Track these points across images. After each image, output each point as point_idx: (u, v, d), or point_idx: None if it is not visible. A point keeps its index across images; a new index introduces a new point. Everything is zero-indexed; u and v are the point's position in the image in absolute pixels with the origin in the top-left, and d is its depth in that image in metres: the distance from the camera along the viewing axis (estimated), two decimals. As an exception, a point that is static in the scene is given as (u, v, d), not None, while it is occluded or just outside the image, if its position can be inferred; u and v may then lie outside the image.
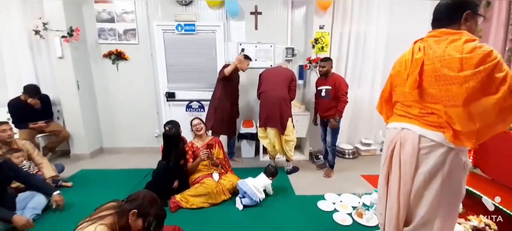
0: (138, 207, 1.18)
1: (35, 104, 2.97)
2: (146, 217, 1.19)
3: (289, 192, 2.47)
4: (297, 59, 3.45)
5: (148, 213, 1.20)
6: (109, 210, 1.20)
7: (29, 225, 1.69)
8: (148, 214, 1.20)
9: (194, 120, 2.54)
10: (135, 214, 1.17)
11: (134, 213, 1.17)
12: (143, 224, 1.19)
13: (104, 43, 3.31)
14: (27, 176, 2.07)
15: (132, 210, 1.17)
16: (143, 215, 1.19)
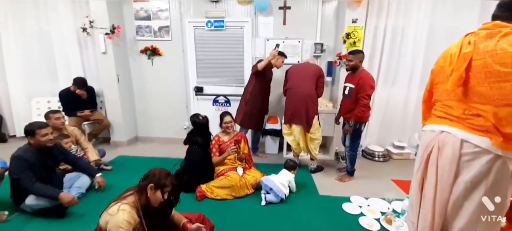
0: (154, 181, 1.26)
1: (82, 95, 3.32)
2: (163, 189, 1.26)
3: (313, 191, 2.42)
4: (326, 55, 3.32)
5: (165, 184, 1.27)
6: (130, 191, 1.31)
7: (74, 202, 1.91)
8: (164, 185, 1.26)
9: (226, 117, 2.52)
10: (152, 188, 1.25)
11: (151, 186, 1.25)
12: (162, 196, 1.26)
13: (141, 39, 3.55)
14: (74, 158, 2.33)
15: (150, 184, 1.25)
16: (160, 187, 1.26)
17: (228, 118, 2.51)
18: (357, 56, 2.36)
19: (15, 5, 3.47)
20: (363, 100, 2.27)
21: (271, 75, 3.10)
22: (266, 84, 3.07)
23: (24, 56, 3.64)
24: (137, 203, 1.27)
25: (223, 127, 2.52)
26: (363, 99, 2.27)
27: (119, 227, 1.16)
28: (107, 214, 1.22)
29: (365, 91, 2.26)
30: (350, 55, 2.40)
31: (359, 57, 2.36)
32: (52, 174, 2.09)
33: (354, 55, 2.36)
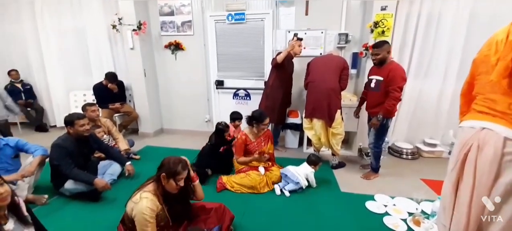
0: (165, 171, 1.33)
1: (113, 89, 3.55)
2: (175, 176, 1.32)
3: (334, 187, 2.36)
4: (351, 46, 3.16)
5: (176, 172, 1.32)
6: (150, 180, 1.40)
7: (107, 187, 2.06)
8: (176, 173, 1.32)
9: (266, 119, 2.33)
10: (164, 177, 1.33)
11: (163, 176, 1.33)
12: (175, 183, 1.33)
13: (165, 35, 3.67)
14: (107, 147, 2.52)
15: (161, 174, 1.32)
16: (172, 175, 1.32)
17: (268, 120, 2.34)
18: (382, 48, 2.15)
19: (53, 4, 3.77)
20: (394, 93, 2.10)
21: (292, 67, 3.04)
22: (287, 77, 3.01)
23: (62, 52, 3.98)
24: (156, 191, 1.34)
25: (260, 128, 2.34)
26: (394, 92, 2.10)
27: (143, 213, 1.24)
28: (131, 202, 1.31)
29: (397, 84, 2.09)
30: (375, 49, 2.20)
31: (385, 48, 2.15)
32: (88, 161, 2.28)
33: (379, 48, 2.16)
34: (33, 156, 2.09)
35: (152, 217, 1.27)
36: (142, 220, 1.24)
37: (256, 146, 2.43)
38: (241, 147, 2.39)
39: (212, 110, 3.80)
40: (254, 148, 2.42)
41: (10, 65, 4.10)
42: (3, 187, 1.03)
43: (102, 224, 1.79)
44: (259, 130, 2.36)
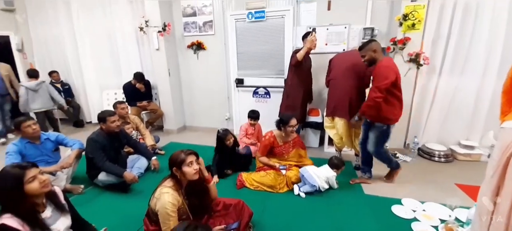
0: (173, 164, 1.41)
1: (140, 88, 3.76)
2: (183, 163, 1.38)
3: (357, 189, 2.27)
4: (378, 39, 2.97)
5: (182, 160, 1.38)
6: (167, 178, 1.47)
7: (135, 180, 2.20)
8: (182, 161, 1.38)
9: (292, 120, 2.28)
10: (176, 170, 1.40)
11: (175, 169, 1.40)
12: (188, 168, 1.38)
13: (188, 35, 3.79)
14: (135, 143, 2.68)
15: (173, 168, 1.41)
16: (180, 164, 1.38)
17: (294, 121, 2.28)
18: (366, 49, 1.99)
19: (87, 9, 4.08)
20: (371, 93, 1.91)
21: (309, 62, 2.97)
22: (306, 72, 2.94)
23: (95, 54, 4.30)
24: (176, 186, 1.41)
25: (287, 130, 2.30)
26: (372, 91, 1.90)
27: (165, 208, 1.31)
28: (154, 198, 1.39)
29: (377, 82, 1.88)
30: (360, 52, 2.05)
31: (369, 48, 1.97)
32: (118, 155, 2.45)
33: (363, 50, 2.01)
34: (71, 149, 2.30)
35: (174, 211, 1.33)
36: (165, 214, 1.31)
37: (283, 150, 2.40)
38: (266, 147, 2.39)
39: (232, 108, 3.86)
40: (280, 151, 2.40)
41: (50, 67, 4.52)
42: (45, 176, 1.15)
43: (131, 213, 1.91)
44: (286, 133, 2.33)
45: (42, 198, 1.18)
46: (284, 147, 2.40)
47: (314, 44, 2.67)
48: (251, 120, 2.99)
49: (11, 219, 1.03)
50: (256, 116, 2.99)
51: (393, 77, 1.87)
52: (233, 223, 1.50)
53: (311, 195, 2.15)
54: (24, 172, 1.07)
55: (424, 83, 2.88)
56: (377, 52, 1.96)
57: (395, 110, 1.99)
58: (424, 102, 2.95)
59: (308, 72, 2.99)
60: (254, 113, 2.99)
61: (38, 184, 1.10)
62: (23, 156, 2.09)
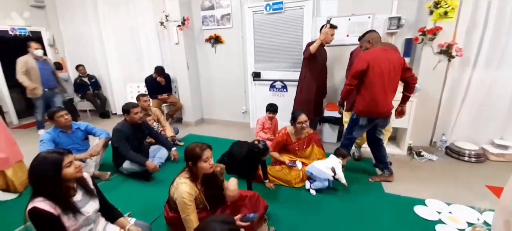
0: (189, 159, 1.42)
1: (161, 81, 3.89)
2: (199, 159, 1.40)
3: (377, 187, 2.19)
4: (404, 31, 2.81)
5: (198, 156, 1.40)
6: (185, 168, 1.51)
7: (156, 169, 2.31)
8: (198, 157, 1.40)
9: (301, 116, 2.23)
10: (191, 164, 1.42)
11: (190, 164, 1.43)
12: (204, 163, 1.41)
13: (206, 29, 3.83)
14: (157, 134, 2.79)
15: (189, 162, 1.43)
16: (196, 159, 1.40)
17: (303, 117, 2.22)
18: (363, 40, 2.08)
19: (112, 6, 4.26)
20: (347, 80, 2.02)
21: (324, 56, 2.85)
22: (320, 67, 2.83)
23: (119, 48, 4.50)
24: (192, 177, 1.45)
25: (297, 127, 2.26)
26: (348, 79, 2.01)
27: (182, 197, 1.36)
28: (173, 187, 1.45)
29: (353, 68, 1.97)
30: (359, 42, 2.17)
31: (365, 39, 2.05)
32: (141, 145, 2.57)
33: (361, 41, 2.13)
34: (98, 138, 2.46)
35: (191, 200, 1.38)
36: (182, 203, 1.36)
37: (297, 147, 2.37)
38: (278, 143, 2.38)
39: (249, 102, 3.87)
40: (294, 148, 2.37)
41: (79, 61, 4.81)
42: (78, 162, 1.24)
43: (153, 200, 2.01)
44: (296, 129, 2.30)
45: (74, 182, 1.27)
46: (297, 144, 2.36)
47: (328, 37, 2.57)
48: (270, 113, 2.94)
49: (43, 203, 1.10)
50: (275, 109, 2.94)
51: (362, 66, 1.89)
52: (251, 213, 1.51)
53: (327, 191, 2.11)
54: (63, 157, 1.15)
55: (455, 77, 2.68)
56: (371, 43, 2.01)
57: (364, 103, 1.99)
58: (455, 98, 2.75)
59: (323, 66, 2.87)
60: (272, 106, 2.94)
61: (74, 169, 1.18)
62: (56, 144, 2.27)
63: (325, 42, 2.62)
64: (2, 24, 4.25)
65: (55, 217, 1.13)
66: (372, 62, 1.88)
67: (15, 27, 4.39)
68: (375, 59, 1.89)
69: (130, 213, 1.71)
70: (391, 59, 1.89)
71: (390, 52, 1.93)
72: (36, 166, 1.14)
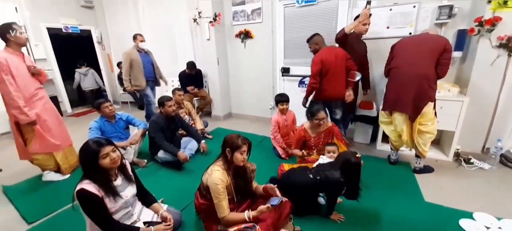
0: (228, 146, 1.46)
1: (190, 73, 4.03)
2: (237, 149, 1.43)
3: (415, 195, 2.00)
4: (456, 22, 2.48)
5: (237, 145, 1.43)
6: (219, 157, 1.55)
7: (187, 159, 2.43)
8: (237, 146, 1.43)
9: (319, 113, 2.14)
10: (229, 151, 1.45)
11: (228, 151, 1.46)
12: (240, 154, 1.43)
13: (236, 24, 3.86)
14: (188, 126, 2.92)
15: (226, 149, 1.46)
16: (235, 148, 1.44)
17: (321, 114, 2.13)
18: (311, 43, 2.58)
19: (151, 5, 4.53)
20: (309, 80, 2.51)
21: (361, 47, 2.64)
22: (357, 59, 2.58)
23: (156, 45, 4.77)
24: (225, 165, 1.50)
25: (314, 122, 2.19)
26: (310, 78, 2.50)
27: (215, 184, 1.41)
28: (206, 174, 1.51)
29: (311, 71, 2.48)
30: (308, 43, 2.63)
31: (312, 42, 2.56)
32: (173, 137, 2.73)
33: (308, 42, 2.60)
34: (137, 128, 2.66)
35: (223, 187, 1.43)
36: (216, 189, 1.41)
37: (315, 141, 2.29)
38: (298, 142, 2.34)
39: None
40: (313, 144, 2.30)
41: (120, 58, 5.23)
42: (116, 153, 1.35)
43: (184, 188, 2.13)
44: (313, 125, 2.23)
45: (114, 169, 1.39)
46: (315, 139, 2.28)
47: (360, 28, 2.43)
48: (281, 104, 2.63)
49: (90, 185, 1.24)
50: (285, 99, 2.63)
51: (318, 68, 2.41)
52: (276, 197, 1.49)
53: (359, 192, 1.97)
54: (100, 149, 1.27)
55: (518, 75, 2.30)
56: (318, 45, 2.53)
57: (320, 91, 2.53)
58: (516, 99, 2.37)
59: (361, 60, 2.65)
60: (283, 96, 2.62)
61: (109, 161, 1.29)
62: (102, 131, 2.52)
63: (359, 31, 2.46)
64: (56, 23, 4.80)
65: (99, 198, 1.25)
66: (324, 60, 2.39)
67: (68, 26, 4.94)
68: (326, 58, 2.39)
69: (163, 199, 1.82)
70: (338, 55, 2.41)
71: (335, 49, 2.46)
72: (80, 153, 1.29)
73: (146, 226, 1.43)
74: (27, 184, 2.39)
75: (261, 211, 1.37)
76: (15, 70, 2.04)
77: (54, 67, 4.85)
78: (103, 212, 1.28)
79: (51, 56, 4.79)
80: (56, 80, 4.93)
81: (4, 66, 1.96)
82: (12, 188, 2.31)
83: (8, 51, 2.04)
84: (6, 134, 3.77)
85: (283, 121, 2.73)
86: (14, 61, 2.04)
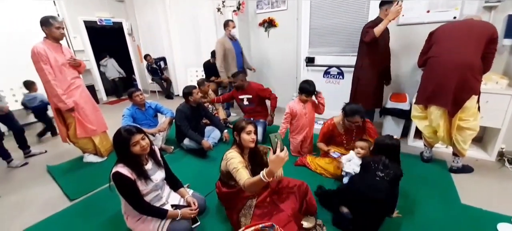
0: (235, 129, 1.56)
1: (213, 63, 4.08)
2: (243, 130, 1.51)
3: (451, 196, 1.85)
4: (507, 6, 2.18)
5: (242, 127, 1.52)
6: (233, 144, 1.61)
7: (210, 148, 2.51)
8: (242, 128, 1.52)
9: (355, 117, 1.93)
10: (237, 134, 1.54)
11: (236, 134, 1.55)
12: (245, 136, 1.50)
13: (260, 12, 3.79)
14: (211, 116, 2.99)
15: (234, 132, 1.56)
16: (240, 130, 1.52)
17: (357, 119, 1.94)
18: (237, 78, 2.92)
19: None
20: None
21: (387, 37, 2.45)
22: (382, 50, 2.42)
23: (181, 35, 4.90)
24: (238, 149, 1.56)
25: (346, 122, 2.03)
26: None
27: (231, 158, 1.47)
28: (223, 161, 1.56)
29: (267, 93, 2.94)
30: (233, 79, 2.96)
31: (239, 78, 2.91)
32: (198, 125, 2.82)
33: (235, 78, 2.93)
34: (165, 116, 2.80)
35: (241, 161, 1.46)
36: (232, 162, 1.45)
37: (344, 140, 2.19)
38: (324, 135, 2.24)
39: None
40: (341, 141, 2.20)
41: (150, 48, 5.48)
42: (145, 141, 1.42)
43: (207, 175, 2.21)
44: (345, 123, 2.06)
45: (145, 154, 1.47)
46: (345, 137, 2.17)
47: (398, 15, 2.20)
48: (306, 95, 2.27)
49: (124, 168, 1.34)
50: (313, 89, 2.27)
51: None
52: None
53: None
54: (130, 137, 1.35)
55: None
56: (244, 81, 2.91)
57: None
58: None
59: (385, 50, 2.47)
60: (310, 85, 2.25)
61: (139, 148, 1.38)
62: (134, 118, 2.68)
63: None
64: (92, 16, 5.12)
65: (132, 181, 1.35)
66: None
67: (102, 18, 5.25)
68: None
69: (189, 184, 1.90)
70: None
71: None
72: (114, 140, 1.39)
73: (174, 209, 1.52)
74: (69, 164, 2.65)
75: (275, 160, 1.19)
76: (54, 61, 2.20)
77: (91, 58, 5.23)
78: (135, 193, 1.38)
79: (88, 48, 5.16)
80: (93, 70, 5.32)
81: (43, 56, 2.13)
82: (56, 167, 2.58)
83: (47, 43, 2.20)
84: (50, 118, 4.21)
85: (300, 109, 2.35)
86: (52, 52, 2.20)
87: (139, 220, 1.47)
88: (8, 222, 1.83)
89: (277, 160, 1.18)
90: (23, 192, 2.19)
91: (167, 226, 1.44)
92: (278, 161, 1.18)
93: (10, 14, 3.77)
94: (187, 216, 1.51)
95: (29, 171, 2.58)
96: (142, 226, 1.46)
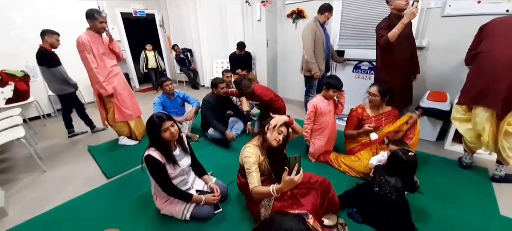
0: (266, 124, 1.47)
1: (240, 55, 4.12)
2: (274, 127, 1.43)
3: (491, 206, 1.69)
4: None
5: (275, 126, 1.43)
6: (255, 136, 1.58)
7: (234, 139, 2.58)
8: (274, 126, 1.43)
9: (372, 87, 2.08)
10: (268, 128, 1.45)
11: (267, 127, 1.46)
12: (271, 134, 1.43)
13: (289, 3, 3.70)
14: (236, 107, 3.05)
15: (266, 125, 1.47)
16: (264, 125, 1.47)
17: (373, 89, 2.06)
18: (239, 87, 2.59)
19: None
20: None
21: (409, 31, 2.21)
22: (402, 44, 2.15)
23: (209, 26, 4.99)
24: (259, 142, 1.52)
25: (369, 98, 2.10)
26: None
27: (246, 156, 1.45)
28: (241, 152, 1.55)
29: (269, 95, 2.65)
30: (236, 87, 2.66)
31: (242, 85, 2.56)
32: (223, 116, 2.89)
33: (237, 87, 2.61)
34: (192, 106, 2.92)
35: (255, 162, 1.44)
36: (246, 161, 1.45)
37: (374, 122, 2.09)
38: (353, 121, 2.17)
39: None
40: (371, 124, 2.09)
41: (180, 39, 5.66)
42: (174, 128, 1.51)
43: (230, 165, 2.26)
44: (372, 106, 2.06)
45: (174, 140, 1.56)
46: (375, 119, 2.09)
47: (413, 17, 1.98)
48: (333, 91, 2.09)
49: (155, 152, 1.44)
50: (342, 84, 2.13)
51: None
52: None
53: (422, 200, 1.72)
54: (161, 123, 1.44)
55: None
56: (246, 88, 2.56)
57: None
58: None
59: (407, 43, 2.21)
60: (339, 81, 2.11)
61: (169, 134, 1.46)
62: (164, 106, 2.84)
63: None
64: (127, 8, 5.42)
65: (161, 164, 1.44)
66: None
67: (136, 10, 5.54)
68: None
69: (212, 172, 1.98)
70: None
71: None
72: (147, 125, 1.48)
73: (198, 194, 1.60)
74: (107, 145, 2.90)
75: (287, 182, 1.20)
76: (96, 50, 2.39)
77: (126, 48, 5.58)
78: (164, 176, 1.47)
79: (124, 38, 5.51)
80: (128, 60, 5.69)
81: (87, 46, 2.32)
82: (95, 148, 2.83)
83: (89, 34, 2.38)
84: (91, 103, 4.61)
85: (325, 106, 2.18)
86: (94, 42, 2.39)
87: (167, 201, 1.57)
88: (56, 193, 2.07)
89: (291, 182, 1.20)
90: (67, 168, 2.46)
91: (191, 210, 1.52)
92: (291, 183, 1.21)
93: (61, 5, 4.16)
94: (210, 202, 1.58)
95: (71, 149, 2.88)
96: (169, 207, 1.56)
